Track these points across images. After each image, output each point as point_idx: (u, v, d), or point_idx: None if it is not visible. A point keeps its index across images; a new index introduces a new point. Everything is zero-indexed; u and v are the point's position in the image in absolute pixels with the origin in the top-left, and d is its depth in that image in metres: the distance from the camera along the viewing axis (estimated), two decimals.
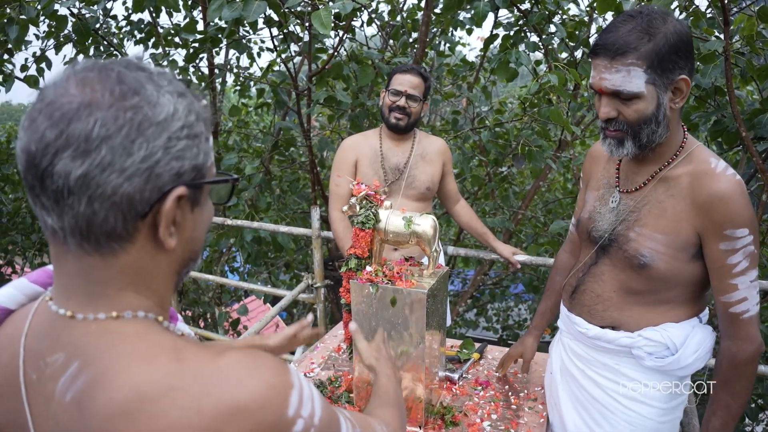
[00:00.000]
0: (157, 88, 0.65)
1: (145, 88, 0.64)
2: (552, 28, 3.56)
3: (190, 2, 4.42)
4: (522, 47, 3.36)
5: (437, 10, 4.33)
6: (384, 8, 5.07)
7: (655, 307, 1.53)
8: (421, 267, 1.81)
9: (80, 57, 4.40)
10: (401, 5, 4.76)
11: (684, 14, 3.40)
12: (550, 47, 3.59)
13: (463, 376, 2.10)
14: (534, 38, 3.56)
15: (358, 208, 1.73)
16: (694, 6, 3.14)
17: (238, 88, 4.91)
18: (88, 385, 0.63)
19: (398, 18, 4.64)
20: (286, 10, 3.25)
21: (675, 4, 3.25)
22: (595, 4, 3.57)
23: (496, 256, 2.84)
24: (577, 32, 3.92)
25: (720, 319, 1.46)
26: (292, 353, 3.45)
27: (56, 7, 3.58)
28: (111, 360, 0.64)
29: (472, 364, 2.19)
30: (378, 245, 1.77)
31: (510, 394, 2.00)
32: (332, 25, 3.16)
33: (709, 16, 3.02)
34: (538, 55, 4.14)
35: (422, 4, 4.34)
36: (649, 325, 1.54)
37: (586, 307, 1.64)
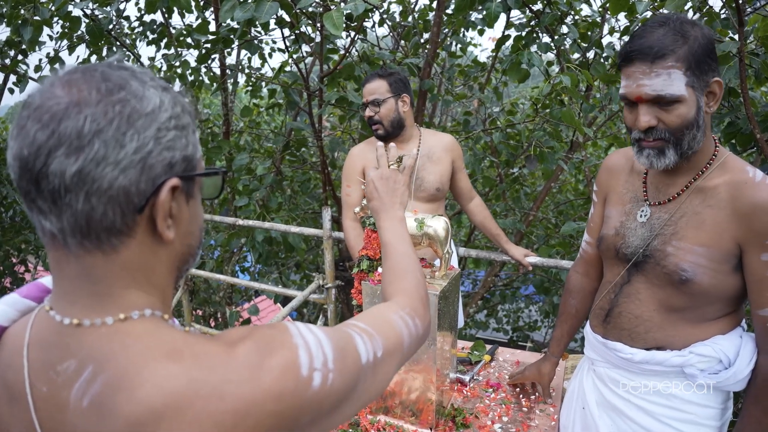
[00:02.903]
0: (142, 83, 0.67)
1: (129, 83, 0.66)
2: (564, 29, 3.55)
3: (202, 3, 4.44)
4: (534, 48, 3.35)
5: (449, 11, 4.33)
6: (395, 9, 5.08)
7: (700, 323, 1.46)
8: (432, 269, 1.81)
9: (93, 58, 4.44)
10: (413, 6, 4.76)
11: (697, 15, 3.38)
12: (562, 48, 3.58)
13: (474, 378, 2.10)
14: (546, 39, 3.55)
15: (369, 210, 1.73)
16: (707, 7, 3.12)
17: (249, 88, 4.93)
18: (107, 387, 0.63)
19: (409, 19, 4.64)
20: (298, 11, 3.26)
21: (689, 5, 3.23)
22: (607, 5, 3.55)
23: (507, 257, 2.83)
24: (589, 33, 3.90)
25: (756, 333, 1.41)
26: None
27: (70, 8, 3.61)
28: (126, 360, 0.64)
29: (483, 366, 2.19)
30: None
31: (521, 396, 2.00)
32: (344, 25, 3.16)
33: (723, 17, 2.99)
34: (550, 55, 4.13)
35: (434, 5, 4.34)
36: (697, 340, 1.46)
37: (625, 330, 1.55)
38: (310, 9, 3.42)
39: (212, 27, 4.27)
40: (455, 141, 2.70)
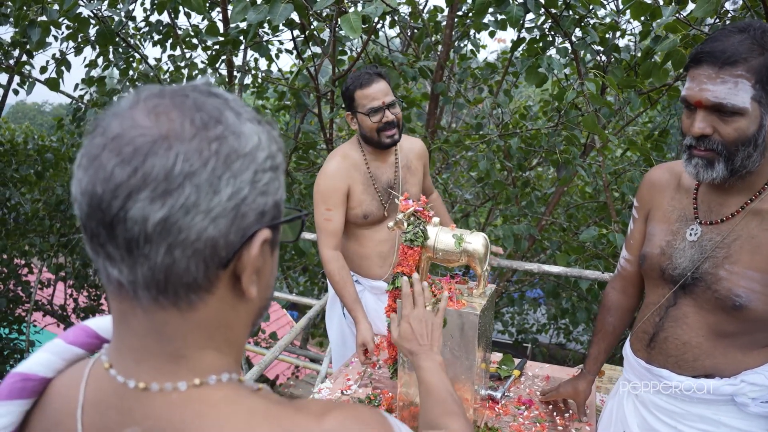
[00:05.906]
0: (237, 116, 0.58)
1: (225, 115, 0.56)
2: (580, 32, 3.49)
3: (208, 4, 4.37)
4: (552, 52, 3.30)
5: (460, 13, 4.27)
6: (405, 10, 5.01)
7: (752, 349, 1.39)
8: (468, 285, 1.75)
9: (100, 60, 4.37)
10: (422, 8, 4.70)
11: (719, 20, 3.33)
12: (578, 52, 3.52)
13: (506, 394, 2.04)
14: (561, 42, 3.50)
15: (405, 224, 1.67)
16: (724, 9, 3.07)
17: (254, 89, 4.87)
18: None
19: (419, 21, 4.59)
20: (312, 12, 3.20)
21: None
22: (622, 8, 3.50)
23: (524, 266, 2.78)
24: (607, 36, 3.85)
25: None
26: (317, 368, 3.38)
27: (79, 9, 3.53)
28: None
29: (513, 381, 2.13)
30: (425, 263, 1.71)
31: (554, 414, 1.94)
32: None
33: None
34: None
35: (444, 8, 4.28)
36: (748, 368, 1.39)
37: (672, 357, 1.47)
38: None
39: (220, 27, 4.21)
40: (423, 145, 2.55)
